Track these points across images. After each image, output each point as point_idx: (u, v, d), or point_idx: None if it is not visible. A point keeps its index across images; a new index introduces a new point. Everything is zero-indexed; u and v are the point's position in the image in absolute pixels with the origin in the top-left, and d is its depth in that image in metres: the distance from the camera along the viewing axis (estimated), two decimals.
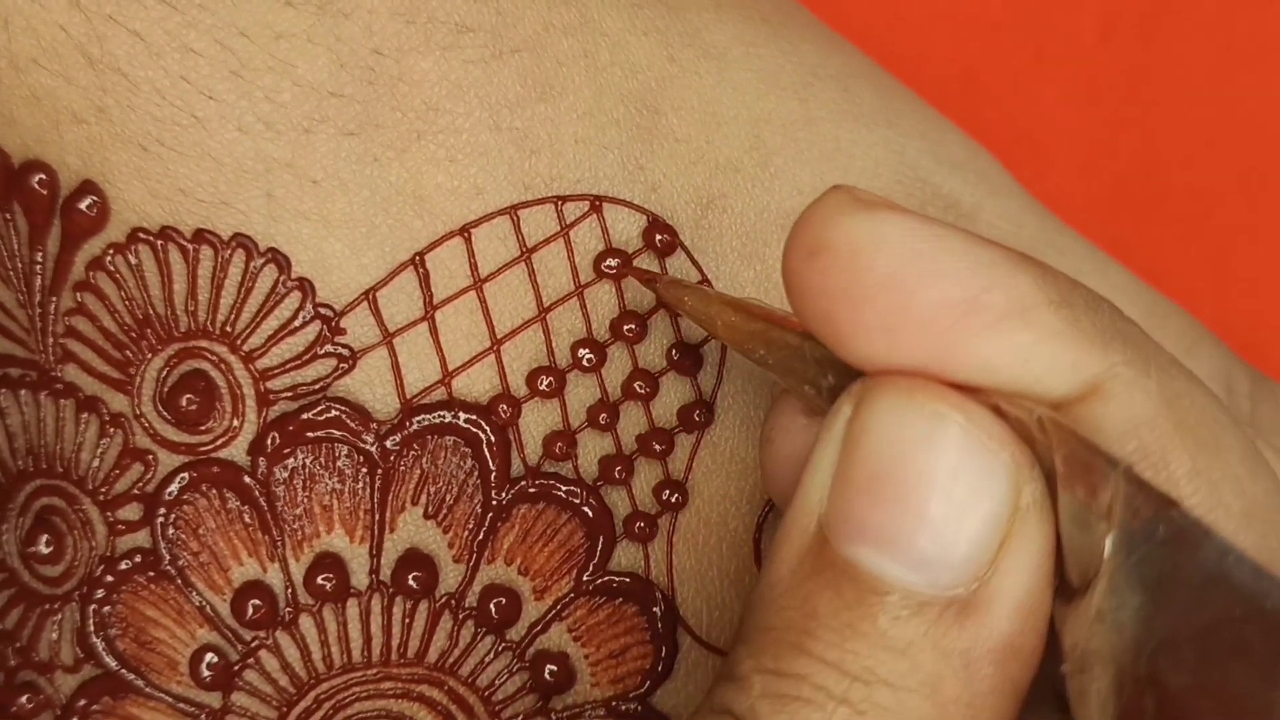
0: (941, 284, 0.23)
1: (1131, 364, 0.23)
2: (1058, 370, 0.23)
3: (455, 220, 0.29)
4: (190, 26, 0.28)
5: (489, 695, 0.29)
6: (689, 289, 0.28)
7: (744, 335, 0.27)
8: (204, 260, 0.28)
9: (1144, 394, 0.23)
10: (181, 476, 0.28)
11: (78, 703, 0.29)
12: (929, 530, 0.23)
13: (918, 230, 0.23)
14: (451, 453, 0.29)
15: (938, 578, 0.23)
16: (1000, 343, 0.23)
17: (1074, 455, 0.23)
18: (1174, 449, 0.23)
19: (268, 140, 0.28)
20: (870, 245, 0.23)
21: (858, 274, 0.23)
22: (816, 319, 0.24)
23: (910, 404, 0.23)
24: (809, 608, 0.24)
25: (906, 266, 0.23)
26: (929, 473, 0.23)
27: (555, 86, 0.30)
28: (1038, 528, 0.23)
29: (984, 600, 0.23)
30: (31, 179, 0.28)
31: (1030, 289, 0.23)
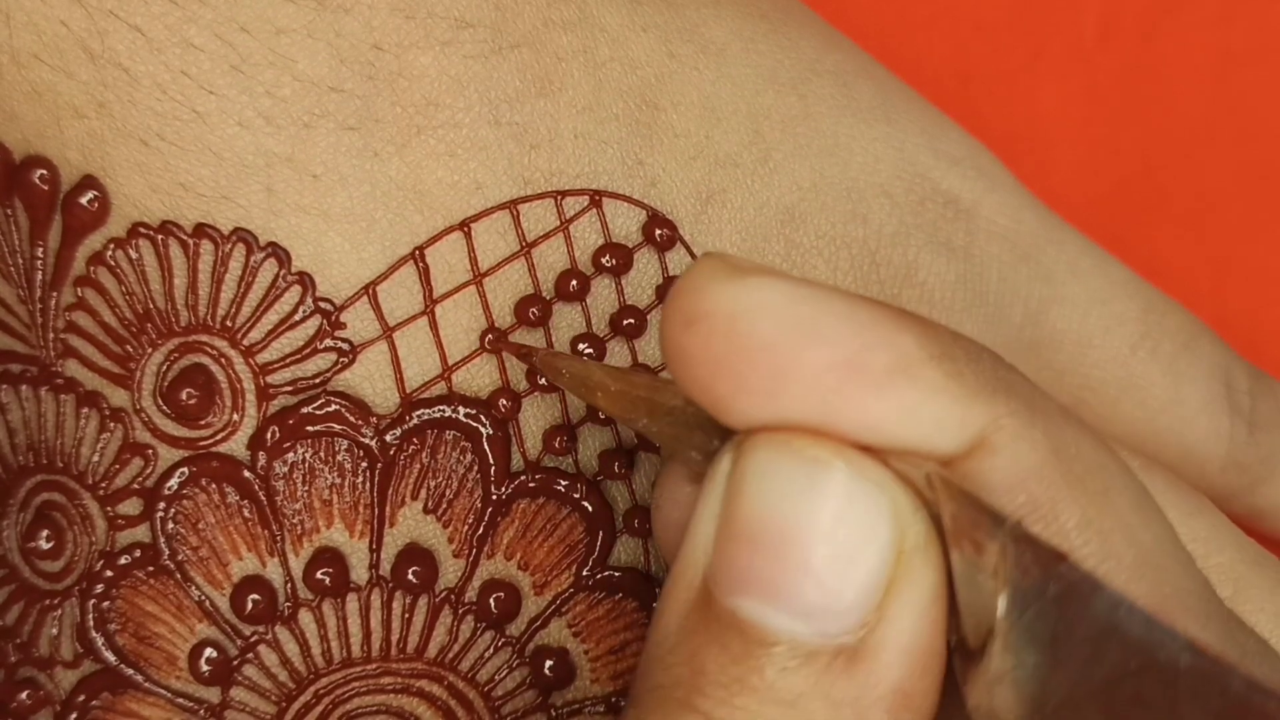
0: (822, 346, 0.23)
1: (1017, 415, 0.23)
2: (944, 426, 0.23)
3: (455, 215, 0.29)
4: (191, 21, 0.28)
5: (489, 691, 0.29)
6: (567, 360, 0.28)
7: (626, 405, 0.27)
8: (204, 255, 0.28)
9: (1030, 445, 0.23)
10: (181, 471, 0.28)
11: (77, 698, 0.29)
12: (813, 578, 0.23)
13: (795, 293, 0.23)
14: (451, 447, 0.29)
15: (824, 626, 0.23)
16: (884, 402, 0.23)
17: (960, 513, 0.23)
18: (1063, 500, 0.23)
19: (268, 135, 0.28)
20: (747, 312, 0.23)
21: (737, 341, 0.23)
22: (698, 388, 0.23)
23: (789, 451, 0.23)
24: (696, 664, 0.23)
25: (785, 331, 0.23)
26: (810, 519, 0.23)
27: (555, 82, 0.30)
28: (923, 571, 0.23)
29: (872, 647, 0.23)
30: (32, 174, 0.28)
31: (911, 346, 0.23)
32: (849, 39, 0.35)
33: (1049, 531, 0.23)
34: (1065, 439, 0.23)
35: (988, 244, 0.33)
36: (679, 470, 0.26)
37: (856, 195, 0.32)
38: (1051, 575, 0.22)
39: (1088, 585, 0.22)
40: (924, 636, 0.23)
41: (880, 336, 0.23)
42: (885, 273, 0.32)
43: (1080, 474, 0.23)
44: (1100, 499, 0.23)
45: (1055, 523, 0.23)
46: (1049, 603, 0.22)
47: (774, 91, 0.32)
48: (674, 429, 0.26)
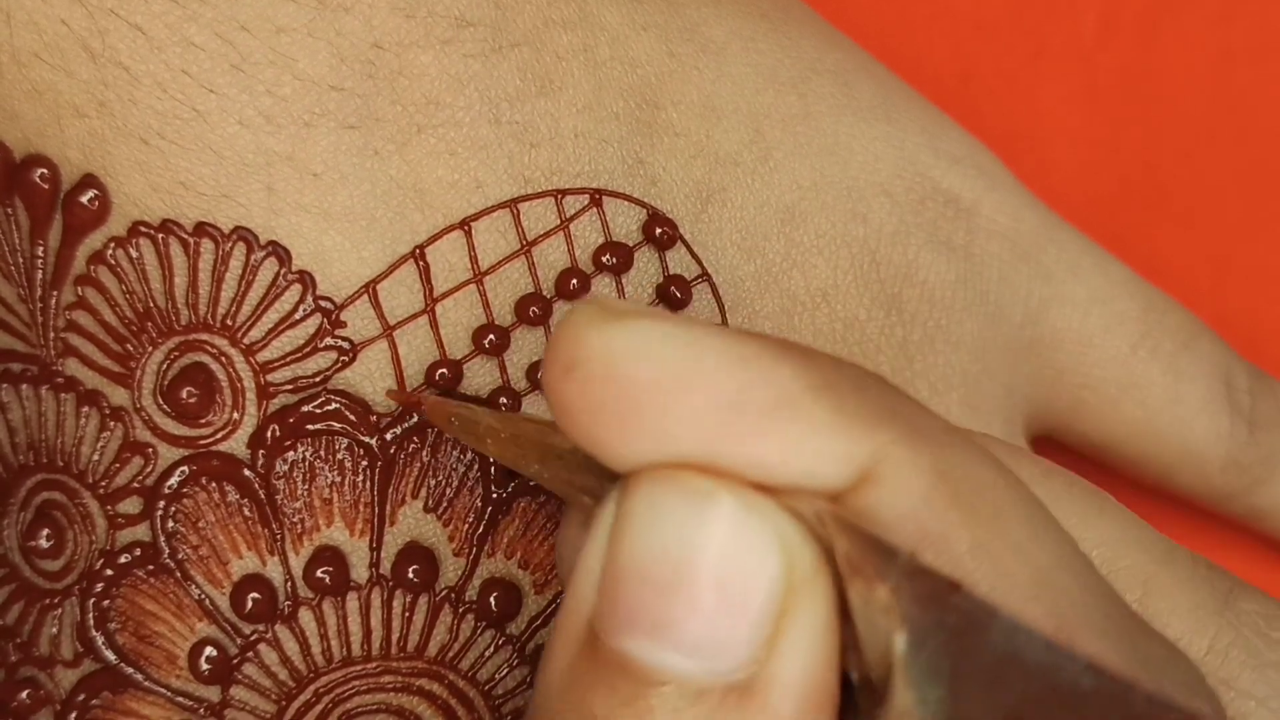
0: (701, 387, 0.22)
1: (901, 442, 0.22)
2: (830, 460, 0.22)
3: (455, 213, 0.29)
4: (191, 20, 0.28)
5: (489, 689, 0.29)
6: (456, 407, 0.28)
7: (516, 452, 0.26)
8: (205, 253, 0.28)
9: (916, 472, 0.22)
10: (181, 470, 0.28)
11: (77, 697, 0.29)
12: (699, 613, 0.22)
13: (672, 335, 0.22)
14: (452, 446, 0.29)
15: (713, 663, 0.22)
16: (767, 440, 0.22)
17: (852, 549, 0.22)
18: (952, 525, 0.22)
19: (268, 134, 0.28)
20: (625, 356, 0.22)
21: (615, 387, 0.22)
22: (582, 434, 0.23)
23: (673, 485, 0.22)
24: (584, 709, 0.23)
25: (664, 374, 0.22)
26: (696, 552, 0.22)
27: (555, 81, 0.30)
28: (813, 605, 0.22)
29: (763, 683, 0.22)
30: (33, 173, 0.28)
31: (790, 380, 0.22)
32: (849, 38, 0.35)
33: (942, 560, 0.22)
34: (952, 462, 0.23)
35: (988, 243, 0.33)
36: (576, 516, 0.26)
37: (857, 194, 0.32)
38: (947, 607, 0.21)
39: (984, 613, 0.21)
40: (816, 671, 0.22)
41: (759, 373, 0.22)
42: (885, 272, 0.32)
43: (968, 497, 0.22)
44: (990, 521, 0.22)
45: (947, 551, 0.22)
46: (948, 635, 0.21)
47: (774, 90, 0.32)
48: (565, 474, 0.25)
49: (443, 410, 0.28)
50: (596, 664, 0.23)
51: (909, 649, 0.21)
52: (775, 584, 0.22)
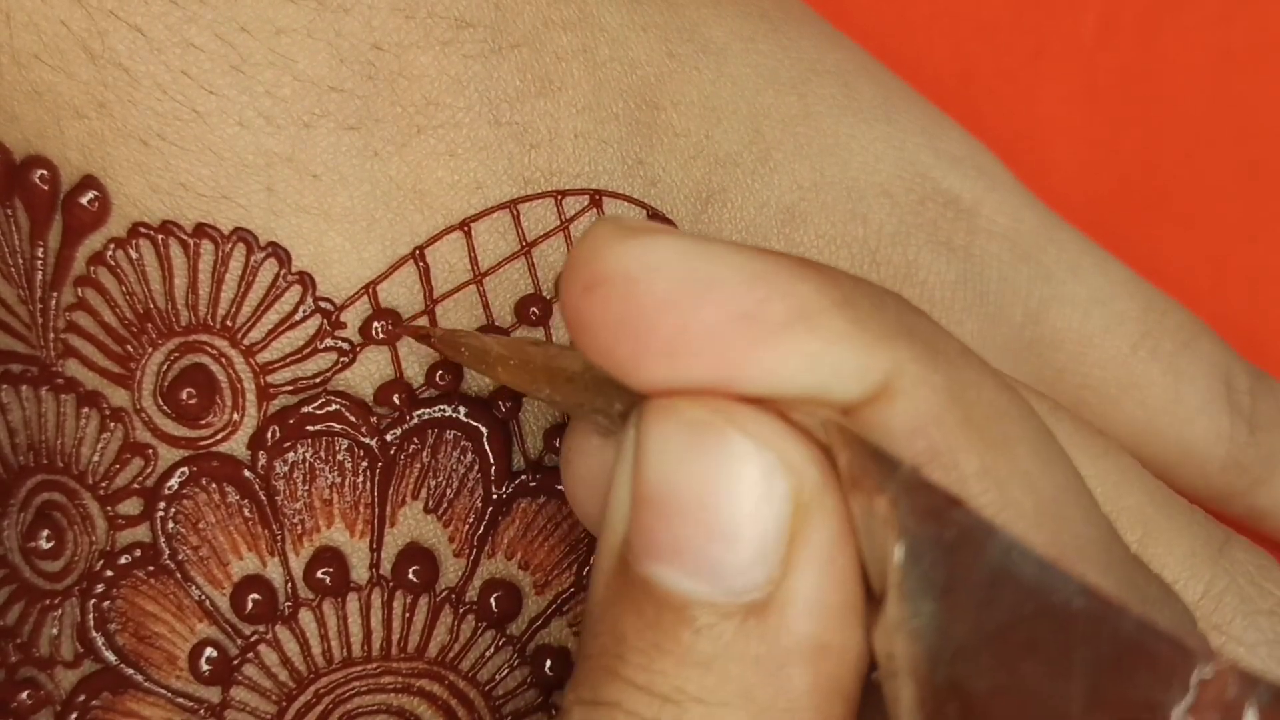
0: (719, 300, 0.22)
1: (918, 360, 0.23)
2: (846, 374, 0.23)
3: (455, 214, 0.29)
4: (191, 21, 0.28)
5: (490, 690, 0.29)
6: (465, 337, 0.28)
7: (526, 377, 0.27)
8: (204, 254, 0.28)
9: (930, 390, 0.23)
10: (181, 471, 0.28)
11: (78, 698, 0.29)
12: (714, 538, 0.23)
13: (690, 249, 0.23)
14: (452, 447, 0.29)
15: (730, 584, 0.23)
16: (785, 352, 0.22)
17: (854, 461, 0.22)
18: (961, 447, 0.23)
19: (268, 135, 0.28)
20: (644, 271, 0.23)
21: (635, 303, 0.23)
22: (601, 353, 0.23)
23: (676, 417, 0.23)
24: (618, 631, 0.24)
25: (682, 287, 0.22)
26: (705, 481, 0.23)
27: (554, 81, 0.30)
28: (823, 522, 0.23)
29: (781, 602, 0.23)
30: (33, 174, 0.28)
31: (811, 293, 0.23)
32: (849, 38, 0.35)
33: (948, 479, 0.22)
34: (967, 384, 0.23)
35: (988, 243, 0.33)
36: (584, 426, 0.26)
37: (857, 195, 0.32)
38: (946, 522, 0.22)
39: (982, 530, 0.21)
40: (832, 587, 0.23)
41: (778, 286, 0.22)
42: (885, 272, 0.32)
43: (980, 421, 0.23)
44: (999, 446, 0.23)
45: (954, 470, 0.23)
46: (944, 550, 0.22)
47: (774, 91, 0.32)
48: (576, 395, 0.26)
49: (453, 341, 0.28)
50: (627, 588, 0.24)
51: (905, 561, 0.22)
52: (783, 505, 0.23)
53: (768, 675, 0.23)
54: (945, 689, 0.22)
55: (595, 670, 0.24)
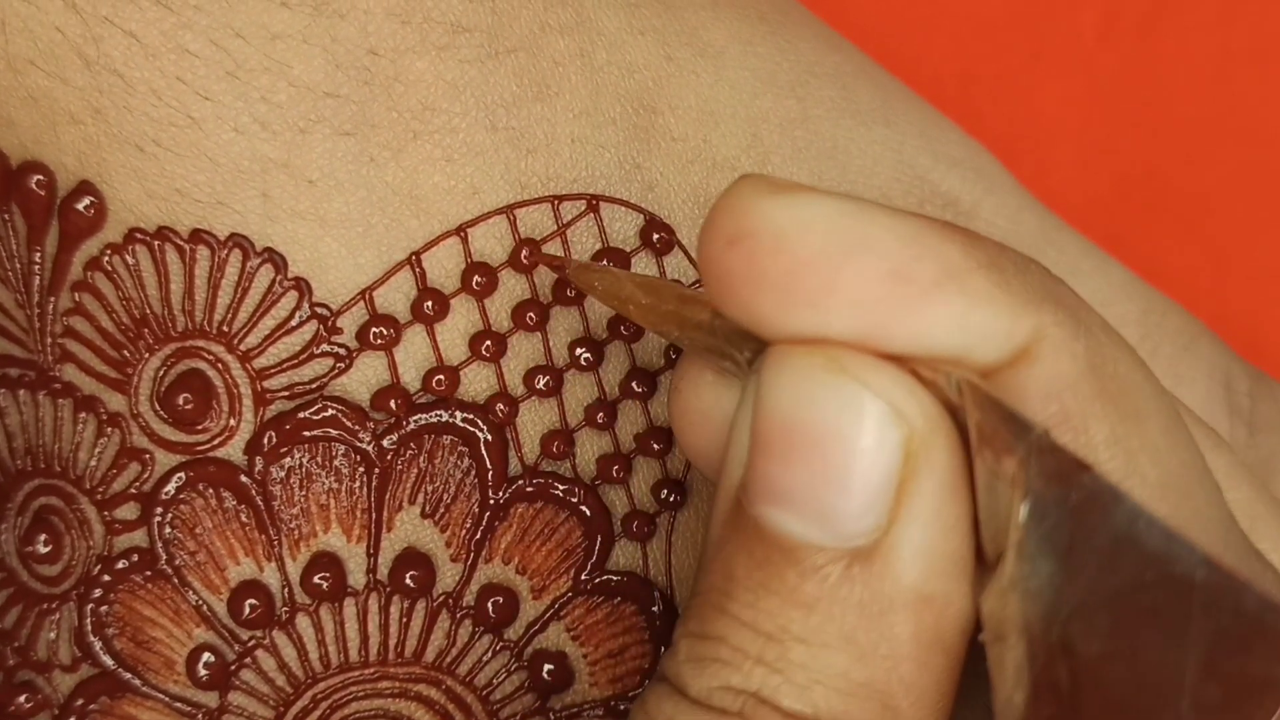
0: (868, 258, 0.23)
1: (1061, 325, 0.23)
2: (990, 335, 0.23)
3: (452, 220, 0.29)
4: (185, 28, 0.28)
5: (487, 694, 0.29)
6: (599, 272, 0.28)
7: (658, 317, 0.27)
8: (200, 260, 0.28)
9: (1070, 357, 0.23)
10: (178, 476, 0.28)
11: (75, 702, 0.29)
12: (825, 483, 0.23)
13: (839, 208, 0.23)
14: (449, 452, 0.29)
15: (839, 529, 0.23)
16: (932, 312, 0.23)
17: (985, 420, 0.23)
18: (1094, 415, 0.23)
19: (264, 140, 0.28)
20: (793, 228, 0.23)
21: (782, 257, 0.23)
22: (740, 305, 0.23)
23: (795, 363, 0.23)
24: (728, 569, 0.24)
25: (831, 245, 0.23)
26: (818, 426, 0.23)
27: (551, 86, 0.30)
28: (931, 472, 0.23)
29: (886, 549, 0.23)
30: (29, 180, 0.28)
31: (959, 255, 0.23)
32: (848, 40, 0.35)
33: (1076, 444, 0.23)
34: (1105, 355, 0.23)
35: None
36: (699, 361, 0.26)
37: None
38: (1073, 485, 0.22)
39: (1109, 496, 0.22)
40: (939, 538, 0.23)
41: (927, 247, 0.23)
42: None
43: (1115, 392, 0.23)
44: (1131, 418, 0.23)
45: (1084, 436, 0.23)
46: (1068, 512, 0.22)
47: (772, 94, 0.32)
48: (705, 340, 0.26)
49: (587, 276, 0.28)
50: (739, 528, 0.24)
51: (1028, 520, 0.22)
52: (894, 453, 0.23)
53: (870, 621, 0.23)
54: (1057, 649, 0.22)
55: (704, 606, 0.24)
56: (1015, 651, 0.22)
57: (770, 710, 0.24)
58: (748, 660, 0.24)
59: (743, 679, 0.24)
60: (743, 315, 0.24)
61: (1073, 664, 0.22)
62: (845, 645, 0.23)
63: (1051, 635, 0.22)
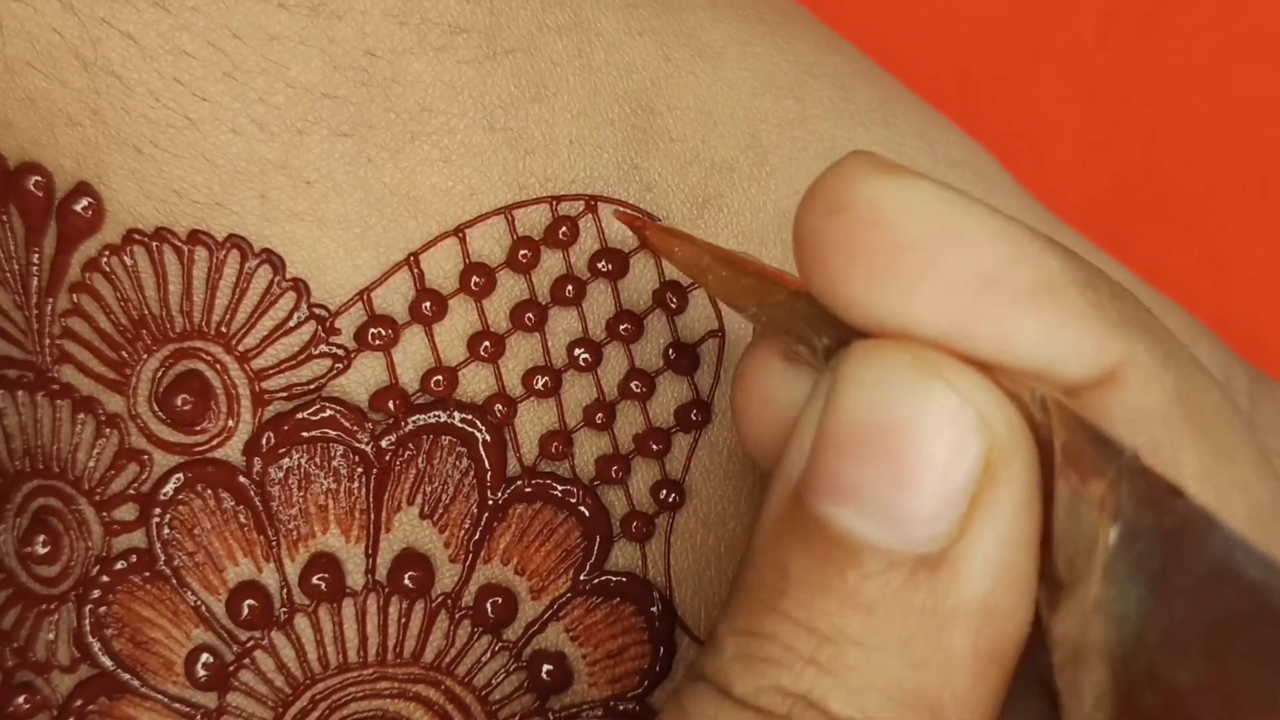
0: (968, 252, 0.22)
1: (1152, 354, 0.23)
2: (1078, 353, 0.23)
3: (450, 221, 0.29)
4: (183, 29, 0.28)
5: (486, 695, 0.29)
6: (680, 238, 0.28)
7: (736, 290, 0.26)
8: (199, 261, 0.28)
9: (1160, 387, 0.23)
10: (177, 477, 0.28)
11: (74, 703, 0.29)
12: (899, 486, 0.23)
13: (945, 197, 0.23)
14: (447, 452, 0.29)
15: (908, 534, 0.23)
16: (1023, 319, 0.22)
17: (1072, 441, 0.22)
18: (1185, 447, 0.23)
19: (261, 141, 0.28)
20: (896, 207, 0.22)
21: (881, 234, 0.22)
22: (830, 277, 0.23)
23: (882, 358, 0.23)
24: (782, 565, 0.23)
25: (932, 231, 0.22)
26: (899, 428, 0.23)
27: (549, 87, 0.30)
28: (1011, 487, 0.23)
29: (955, 559, 0.23)
30: (27, 181, 0.28)
31: (1057, 268, 0.23)
32: (847, 41, 0.35)
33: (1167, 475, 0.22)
34: (1195, 386, 0.23)
35: None
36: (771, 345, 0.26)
37: None
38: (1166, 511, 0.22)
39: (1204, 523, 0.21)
40: (1010, 553, 0.23)
41: (1027, 254, 0.22)
42: None
43: (1206, 424, 0.23)
44: (1223, 452, 0.23)
45: (1173, 468, 0.23)
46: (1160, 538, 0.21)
47: (771, 95, 0.32)
48: (782, 319, 0.25)
49: (666, 239, 0.28)
50: (797, 525, 0.23)
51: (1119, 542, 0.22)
52: (974, 461, 0.22)
53: (929, 630, 0.23)
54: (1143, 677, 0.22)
55: (754, 602, 0.24)
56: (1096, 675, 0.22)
57: (819, 714, 0.23)
58: (799, 660, 0.23)
59: (793, 680, 0.23)
60: (829, 289, 0.23)
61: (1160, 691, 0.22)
62: (901, 652, 0.23)
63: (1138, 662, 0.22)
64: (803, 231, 0.23)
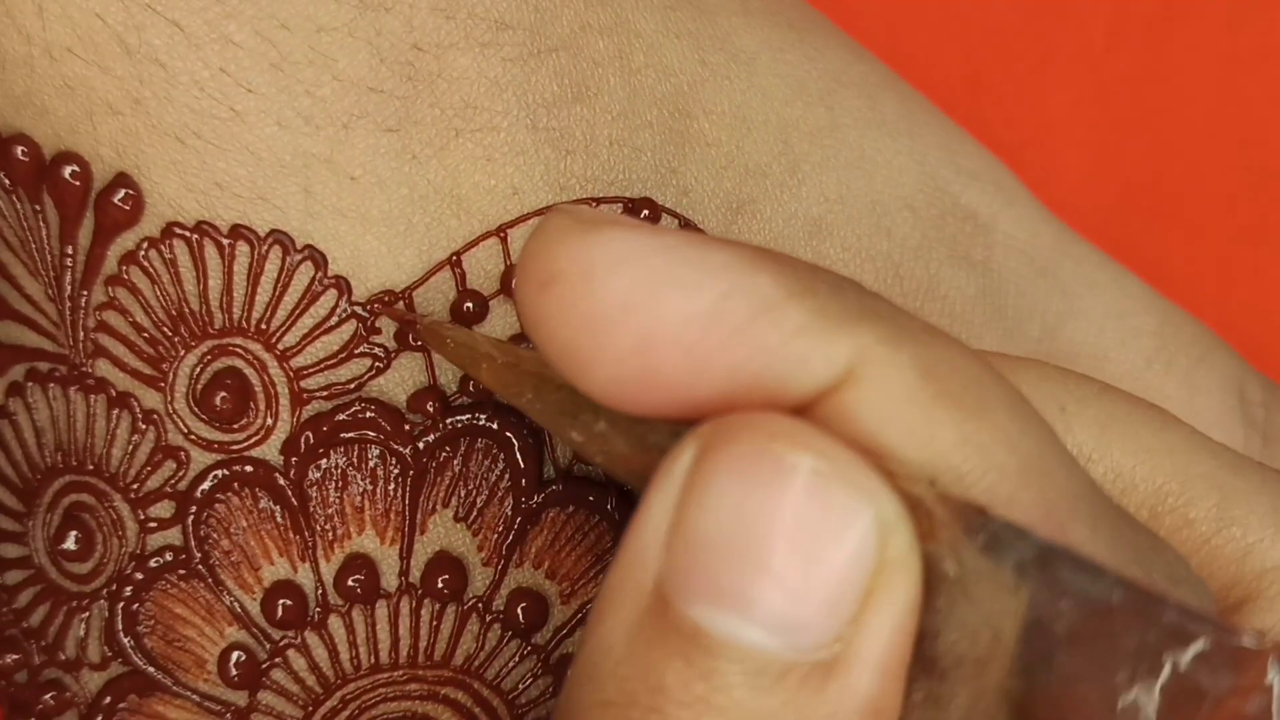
0: (680, 298, 0.21)
1: (884, 341, 0.22)
2: (811, 363, 0.22)
3: (492, 220, 0.29)
4: (230, 17, 0.27)
5: (513, 699, 0.29)
6: (452, 330, 0.27)
7: (511, 378, 0.26)
8: (240, 256, 0.28)
9: (899, 369, 0.22)
10: (214, 475, 0.28)
11: (104, 700, 0.28)
12: (787, 588, 0.21)
13: (647, 244, 0.22)
14: (484, 455, 0.29)
15: (798, 639, 0.21)
16: (749, 347, 0.21)
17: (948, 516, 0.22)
18: (938, 420, 0.22)
19: (306, 135, 0.28)
20: (602, 268, 0.22)
21: (594, 300, 0.22)
22: (559, 353, 0.22)
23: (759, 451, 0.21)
24: (654, 680, 0.21)
25: (642, 285, 0.21)
26: (784, 526, 0.21)
27: (591, 87, 0.30)
28: (905, 580, 0.21)
29: (847, 661, 0.21)
30: (63, 170, 0.28)
31: (770, 286, 0.22)
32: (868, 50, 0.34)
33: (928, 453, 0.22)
34: (935, 357, 0.22)
35: (1006, 258, 0.34)
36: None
37: (881, 208, 0.32)
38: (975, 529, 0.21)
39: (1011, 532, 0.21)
40: (900, 647, 0.22)
41: (736, 281, 0.22)
42: (908, 286, 0.32)
43: (954, 391, 0.22)
44: (977, 413, 0.22)
45: (932, 444, 0.22)
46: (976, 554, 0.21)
47: (802, 102, 0.32)
48: (560, 404, 0.25)
49: (438, 333, 0.27)
50: (666, 631, 0.22)
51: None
52: (866, 560, 0.21)
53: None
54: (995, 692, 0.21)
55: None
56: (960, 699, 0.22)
57: None
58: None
59: None
60: (562, 363, 0.22)
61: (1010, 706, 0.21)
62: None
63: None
64: (523, 308, 0.22)
